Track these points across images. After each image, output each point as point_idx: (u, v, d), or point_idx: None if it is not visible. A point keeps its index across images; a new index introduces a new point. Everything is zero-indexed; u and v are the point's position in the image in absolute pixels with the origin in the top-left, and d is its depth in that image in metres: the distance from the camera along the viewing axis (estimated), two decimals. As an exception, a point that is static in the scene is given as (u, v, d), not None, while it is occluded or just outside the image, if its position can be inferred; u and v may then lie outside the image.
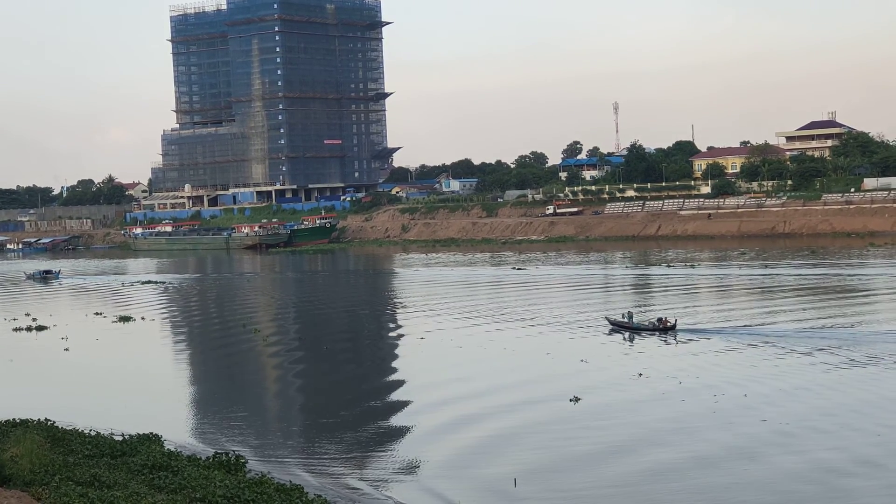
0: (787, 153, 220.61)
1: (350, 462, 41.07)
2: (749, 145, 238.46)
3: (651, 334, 68.21)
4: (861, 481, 35.61)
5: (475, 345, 68.79)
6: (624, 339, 68.51)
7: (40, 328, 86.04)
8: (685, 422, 44.77)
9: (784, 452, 39.30)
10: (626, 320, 70.79)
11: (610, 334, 70.39)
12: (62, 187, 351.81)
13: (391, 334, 78.62)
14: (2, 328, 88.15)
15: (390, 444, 43.76)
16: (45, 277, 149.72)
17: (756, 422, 43.82)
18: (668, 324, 68.31)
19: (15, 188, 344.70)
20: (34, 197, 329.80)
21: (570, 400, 49.30)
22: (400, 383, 57.95)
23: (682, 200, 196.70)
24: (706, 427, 43.67)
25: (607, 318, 73.75)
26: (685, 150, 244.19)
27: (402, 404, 51.67)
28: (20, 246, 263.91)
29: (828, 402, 46.94)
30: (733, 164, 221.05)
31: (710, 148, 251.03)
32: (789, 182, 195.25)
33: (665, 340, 66.17)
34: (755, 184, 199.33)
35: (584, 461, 39.68)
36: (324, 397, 54.36)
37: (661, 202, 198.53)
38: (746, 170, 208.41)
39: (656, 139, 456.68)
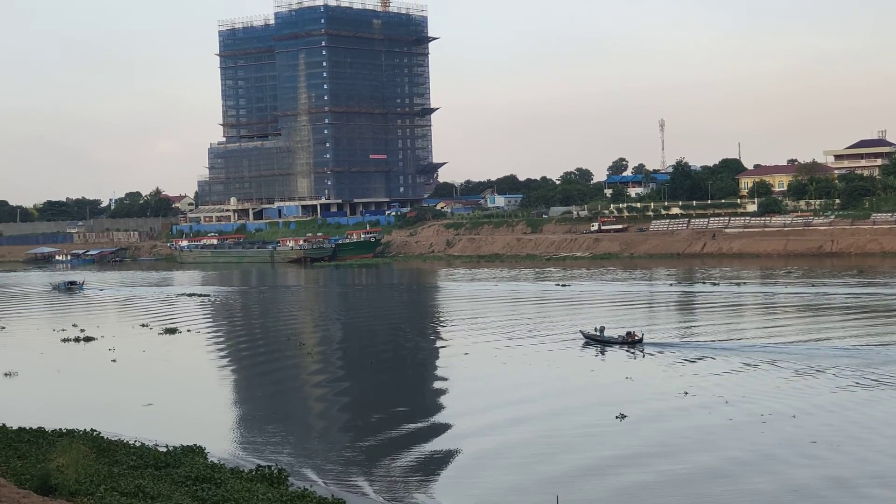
0: (836, 172, 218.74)
1: (392, 477, 40.95)
2: (796, 163, 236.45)
3: (620, 347, 71.00)
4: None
5: (519, 361, 68.57)
6: (596, 352, 70.80)
7: (88, 339, 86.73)
8: (734, 440, 44.27)
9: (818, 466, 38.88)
10: (598, 334, 73.76)
11: (584, 347, 72.65)
12: (110, 199, 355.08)
13: (435, 349, 78.55)
14: (51, 339, 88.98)
15: (433, 459, 43.61)
16: (70, 288, 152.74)
17: (806, 441, 43.32)
18: (636, 338, 71.80)
19: (65, 200, 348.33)
20: (83, 209, 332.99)
21: (616, 417, 48.96)
22: (444, 400, 57.81)
23: (727, 218, 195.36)
24: (761, 445, 43.13)
25: (581, 332, 76.22)
26: (731, 167, 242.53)
27: (446, 420, 51.49)
28: (69, 257, 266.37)
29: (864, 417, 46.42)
30: (780, 183, 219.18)
31: (756, 166, 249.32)
32: (837, 201, 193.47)
33: (633, 353, 68.82)
34: (802, 202, 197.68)
35: (628, 481, 39.27)
36: (367, 412, 54.25)
37: (706, 220, 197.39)
38: (794, 188, 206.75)
39: (702, 157, 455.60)
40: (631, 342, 71.60)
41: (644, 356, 67.73)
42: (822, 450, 42.15)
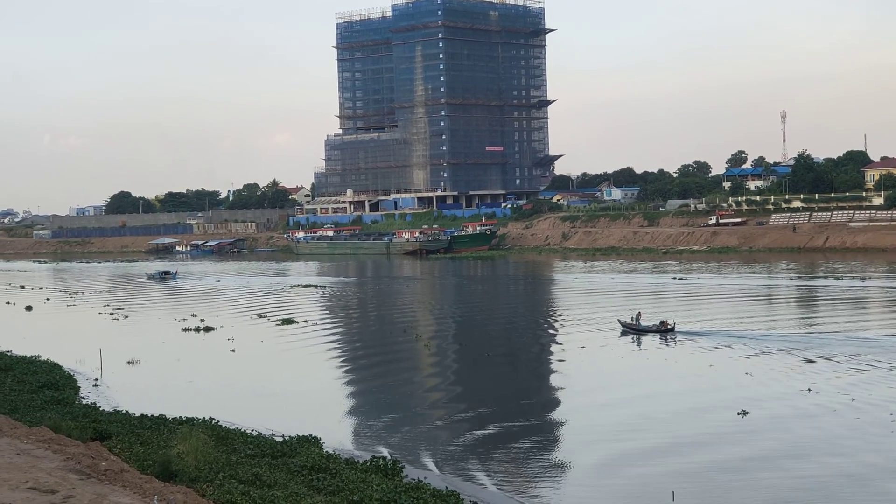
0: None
1: (507, 470, 40.68)
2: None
3: (655, 335, 74.59)
4: None
5: (636, 355, 67.88)
6: (632, 339, 73.68)
7: (207, 329, 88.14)
8: (858, 438, 43.02)
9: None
10: (634, 322, 77.76)
11: (620, 336, 75.62)
12: (228, 191, 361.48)
13: (551, 342, 78.00)
14: (172, 328, 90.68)
15: (548, 453, 43.28)
16: (164, 278, 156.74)
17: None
18: (668, 326, 75.87)
19: (185, 191, 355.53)
20: (202, 200, 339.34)
21: (738, 413, 47.96)
22: (561, 393, 57.39)
23: (851, 212, 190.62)
24: (886, 444, 41.83)
25: (619, 321, 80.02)
26: (857, 160, 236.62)
27: (563, 413, 51.24)
28: (188, 248, 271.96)
29: None
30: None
31: (883, 158, 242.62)
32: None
33: (666, 340, 72.95)
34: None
35: (748, 477, 38.36)
36: (483, 406, 53.91)
37: (829, 213, 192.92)
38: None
39: (826, 149, 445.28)
40: (664, 330, 75.25)
41: (677, 344, 71.17)
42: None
